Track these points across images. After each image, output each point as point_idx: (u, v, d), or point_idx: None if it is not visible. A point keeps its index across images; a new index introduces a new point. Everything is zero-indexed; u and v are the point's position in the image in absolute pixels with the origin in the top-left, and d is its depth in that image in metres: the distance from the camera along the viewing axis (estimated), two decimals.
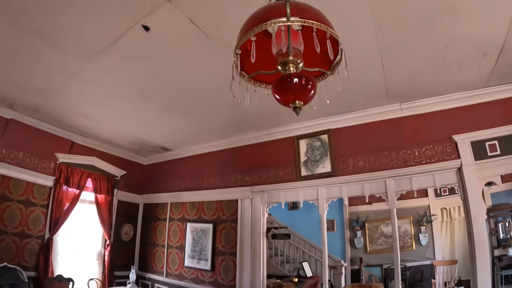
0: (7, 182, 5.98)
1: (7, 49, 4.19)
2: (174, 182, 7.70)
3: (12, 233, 5.97)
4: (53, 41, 3.91)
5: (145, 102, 5.27)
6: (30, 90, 5.35)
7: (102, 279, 7.03)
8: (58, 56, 4.19)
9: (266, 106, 3.78)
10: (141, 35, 3.55)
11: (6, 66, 4.67)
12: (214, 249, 6.39)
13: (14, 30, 3.77)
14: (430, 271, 8.29)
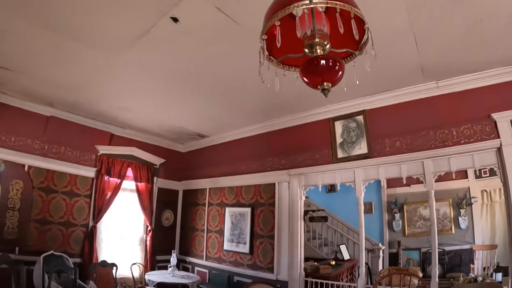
0: (51, 175, 6.45)
1: (43, 51, 4.43)
2: (212, 168, 7.89)
3: (58, 222, 6.44)
4: (86, 39, 4.06)
5: (179, 91, 5.40)
6: (67, 87, 5.62)
7: (144, 263, 7.37)
8: (92, 53, 4.37)
9: (298, 89, 3.90)
10: (171, 26, 3.62)
11: (43, 67, 4.96)
12: (252, 233, 6.58)
13: (48, 33, 3.97)
14: (469, 255, 8.08)
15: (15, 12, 3.65)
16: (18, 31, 4.07)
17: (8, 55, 4.76)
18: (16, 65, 5.04)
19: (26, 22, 3.82)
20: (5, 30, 4.06)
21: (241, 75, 4.68)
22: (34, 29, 3.94)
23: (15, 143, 6.16)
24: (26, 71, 5.20)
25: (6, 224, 6.04)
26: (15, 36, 4.19)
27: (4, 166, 6.12)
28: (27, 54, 4.65)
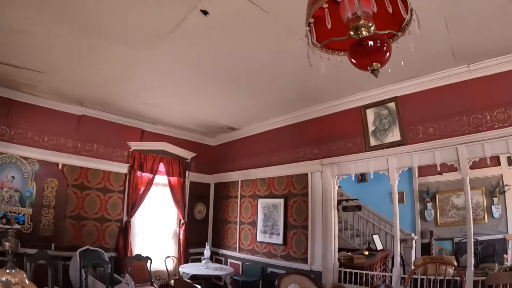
0: (85, 172, 6.69)
1: (71, 51, 4.53)
2: (243, 160, 7.94)
3: (92, 218, 6.66)
4: (116, 37, 4.12)
5: (209, 84, 5.42)
6: (98, 86, 5.74)
7: (177, 256, 7.57)
8: (122, 50, 4.43)
9: (330, 77, 3.95)
10: (201, 19, 3.62)
11: (73, 67, 5.07)
12: (285, 224, 6.59)
13: (76, 33, 4.05)
14: (503, 245, 7.84)
15: (42, 15, 3.74)
16: (45, 33, 4.15)
17: (37, 57, 4.88)
18: (46, 66, 5.17)
19: (54, 23, 3.90)
20: (33, 33, 4.16)
21: (271, 65, 4.67)
22: (62, 30, 4.03)
23: (48, 142, 6.38)
24: (56, 72, 5.32)
25: (42, 222, 6.24)
26: (43, 39, 4.30)
27: (38, 166, 6.32)
28: (56, 55, 4.75)
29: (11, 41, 4.46)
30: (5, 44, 4.58)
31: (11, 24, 4.03)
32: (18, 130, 6.22)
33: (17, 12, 3.75)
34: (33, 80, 5.72)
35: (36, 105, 6.35)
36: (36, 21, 3.89)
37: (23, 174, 6.28)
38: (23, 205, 6.21)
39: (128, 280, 5.71)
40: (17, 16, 3.83)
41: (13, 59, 5.04)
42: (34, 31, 4.14)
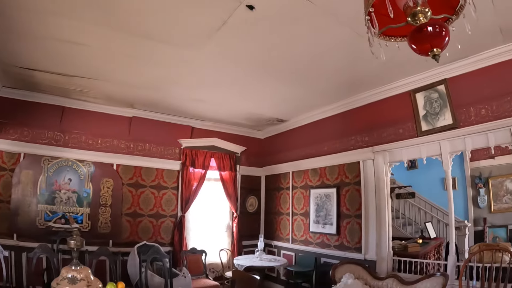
0: (139, 171, 7.00)
1: (120, 55, 4.72)
2: (293, 151, 7.93)
3: (148, 214, 6.96)
4: (163, 38, 4.26)
5: (257, 78, 5.50)
6: (147, 87, 5.95)
7: (231, 249, 7.79)
8: (169, 50, 4.57)
9: (378, 63, 3.75)
10: (247, 14, 3.66)
11: (122, 70, 5.28)
12: (339, 213, 6.59)
13: (124, 38, 4.23)
14: None
15: (90, 23, 3.94)
16: (94, 41, 4.36)
17: (87, 64, 5.13)
18: (96, 73, 5.43)
19: (102, 30, 4.08)
20: (82, 42, 4.38)
21: (318, 55, 4.66)
22: (111, 36, 4.21)
23: (102, 145, 6.76)
24: (106, 77, 5.58)
25: (100, 220, 6.60)
26: (92, 46, 4.52)
27: (93, 167, 6.65)
28: (106, 61, 4.97)
29: (61, 51, 4.70)
30: (55, 54, 4.84)
31: (60, 35, 4.25)
32: (72, 135, 6.61)
33: (65, 23, 3.95)
34: (84, 87, 6.02)
35: (88, 110, 6.74)
36: (84, 30, 4.09)
37: (79, 176, 6.61)
38: (80, 205, 6.56)
39: (186, 273, 5.92)
40: (66, 26, 4.03)
41: (63, 68, 5.32)
42: (83, 40, 4.34)
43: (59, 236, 6.16)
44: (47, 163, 6.52)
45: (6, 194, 6.25)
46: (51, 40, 4.43)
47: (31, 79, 5.88)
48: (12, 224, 6.22)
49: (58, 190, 6.55)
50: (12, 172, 6.31)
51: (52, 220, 6.44)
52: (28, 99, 6.43)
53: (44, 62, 5.20)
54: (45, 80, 5.86)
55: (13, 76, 5.81)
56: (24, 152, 6.39)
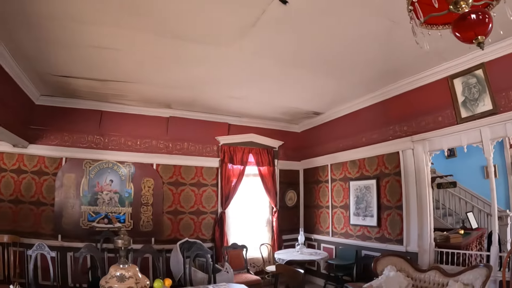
0: (178, 170, 7.24)
1: (153, 56, 4.87)
2: (331, 143, 7.92)
3: (189, 212, 7.18)
4: (197, 38, 4.36)
5: (293, 72, 5.52)
6: (182, 87, 6.11)
7: (271, 243, 7.92)
8: (205, 50, 4.66)
9: (414, 50, 3.62)
10: (280, 9, 3.70)
11: (158, 72, 5.47)
12: (379, 205, 6.59)
13: (159, 40, 4.37)
14: None
15: (124, 28, 4.12)
16: (130, 45, 4.54)
17: (123, 69, 5.33)
18: (132, 76, 5.63)
19: (136, 34, 4.25)
20: (117, 47, 4.56)
21: (352, 46, 4.65)
22: (146, 39, 4.37)
23: (141, 146, 7.04)
24: (141, 80, 5.78)
25: (142, 219, 6.85)
26: (128, 50, 4.71)
27: (134, 168, 6.91)
28: (142, 64, 5.14)
29: (96, 57, 4.91)
30: (90, 60, 5.06)
31: (94, 41, 4.44)
32: (111, 137, 6.93)
33: (99, 30, 4.14)
34: (120, 90, 6.27)
35: (125, 113, 7.05)
36: (118, 35, 4.26)
37: (120, 177, 6.88)
38: (122, 205, 6.85)
39: (228, 268, 6.18)
40: (100, 33, 4.22)
41: (99, 74, 5.57)
42: (117, 45, 4.52)
43: (102, 236, 6.51)
44: (88, 166, 6.84)
45: (50, 197, 6.65)
46: (85, 48, 4.63)
47: (68, 86, 6.18)
48: (56, 225, 6.59)
49: (100, 191, 6.85)
50: (54, 176, 6.70)
51: (95, 221, 6.78)
52: (66, 106, 6.80)
53: (79, 69, 5.44)
54: (81, 86, 6.15)
55: (50, 85, 6.13)
56: (66, 156, 6.78)
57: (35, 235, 6.49)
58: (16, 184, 6.61)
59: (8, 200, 6.56)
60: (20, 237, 6.08)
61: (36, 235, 6.47)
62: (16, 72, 5.33)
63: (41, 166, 6.74)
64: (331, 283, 7.00)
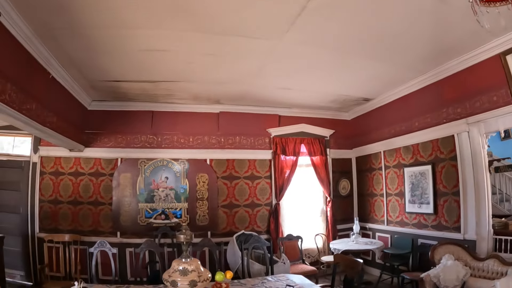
0: (232, 164, 7.60)
1: (201, 54, 5.16)
2: (383, 130, 7.89)
3: (244, 205, 7.53)
4: (244, 33, 4.52)
5: (340, 58, 5.56)
6: (230, 82, 6.36)
7: (326, 233, 8.09)
8: (252, 44, 4.82)
9: (463, 28, 4.02)
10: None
11: (205, 69, 5.74)
12: (435, 191, 6.52)
13: (202, 37, 4.58)
14: None
15: (171, 29, 4.39)
16: (178, 45, 4.83)
17: (173, 69, 5.67)
18: (180, 75, 5.96)
19: (184, 34, 4.51)
20: (166, 48, 4.86)
21: (400, 27, 4.63)
22: (193, 38, 4.62)
23: (194, 142, 7.48)
24: (190, 78, 6.10)
25: (198, 213, 7.26)
26: (176, 51, 5.01)
27: (188, 164, 7.31)
28: (188, 63, 5.43)
29: (145, 59, 5.24)
30: (139, 63, 5.41)
31: (142, 45, 4.78)
32: (164, 136, 7.41)
33: (146, 33, 4.47)
34: (170, 90, 6.65)
35: (176, 111, 7.54)
36: (165, 36, 4.56)
37: (175, 174, 7.32)
38: (178, 200, 7.29)
39: (285, 259, 6.36)
40: (147, 36, 4.54)
41: (148, 76, 5.95)
42: (164, 46, 4.81)
43: (160, 231, 6.98)
44: (143, 165, 7.34)
45: (107, 196, 7.23)
46: (134, 51, 4.98)
47: (119, 90, 6.69)
48: (115, 223, 7.19)
49: (156, 188, 7.34)
50: (111, 177, 7.30)
51: (152, 217, 7.30)
52: (118, 109, 7.44)
53: (130, 72, 5.87)
54: (132, 89, 6.62)
55: (101, 90, 6.68)
56: (121, 157, 7.38)
57: (94, 233, 7.15)
58: (74, 186, 7.28)
59: (67, 201, 7.24)
60: (80, 236, 6.65)
61: (96, 233, 7.14)
62: (68, 82, 5.91)
63: (97, 167, 7.37)
64: (386, 273, 6.95)
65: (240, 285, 4.04)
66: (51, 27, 4.28)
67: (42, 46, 4.70)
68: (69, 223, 7.29)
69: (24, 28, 4.16)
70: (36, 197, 7.33)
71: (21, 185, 7.47)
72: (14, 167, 7.54)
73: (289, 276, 4.51)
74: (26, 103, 4.72)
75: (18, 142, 7.66)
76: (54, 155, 7.42)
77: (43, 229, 7.19)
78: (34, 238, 7.19)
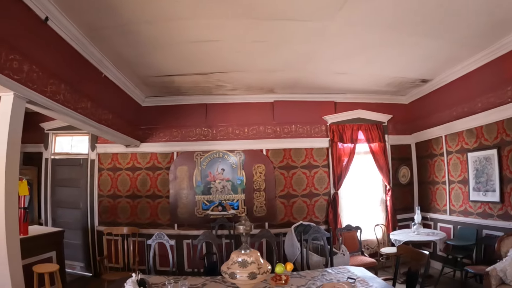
0: (288, 153, 7.79)
1: (251, 42, 5.26)
2: (442, 112, 7.57)
3: (301, 195, 7.72)
4: (290, 16, 4.52)
5: (393, 38, 5.43)
6: (283, 70, 6.44)
7: (385, 223, 8.02)
8: (299, 28, 4.82)
9: None
10: None
11: (256, 57, 5.89)
12: (501, 177, 6.28)
13: (251, 23, 4.66)
14: None
15: (220, 18, 4.50)
16: (228, 34, 4.96)
17: (222, 59, 5.87)
18: (232, 65, 6.17)
19: (233, 22, 4.61)
20: (214, 40, 5.05)
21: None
22: (240, 26, 4.72)
23: (249, 133, 7.72)
24: (242, 68, 6.31)
25: (255, 204, 7.47)
26: (227, 40, 5.16)
27: (244, 155, 7.54)
28: (239, 52, 5.59)
29: (196, 51, 5.46)
30: (191, 56, 5.65)
31: (192, 36, 4.96)
32: (219, 128, 7.72)
33: (195, 24, 4.62)
34: (223, 81, 6.86)
35: (229, 102, 7.81)
36: (215, 26, 4.68)
37: (231, 165, 7.59)
38: (235, 192, 7.56)
39: (344, 251, 6.36)
40: (196, 27, 4.69)
41: (201, 68, 6.19)
42: (214, 36, 4.97)
43: (217, 223, 7.32)
44: (199, 157, 7.66)
45: (165, 190, 7.64)
46: (184, 44, 5.18)
47: (171, 85, 7.02)
48: (172, 215, 7.62)
49: (213, 180, 7.64)
50: (167, 170, 7.71)
51: (209, 209, 7.64)
52: (171, 103, 7.88)
53: (180, 65, 6.12)
54: (184, 82, 6.91)
55: (154, 86, 7.05)
56: (176, 150, 7.80)
57: (152, 225, 7.65)
58: (132, 181, 7.78)
59: (125, 195, 7.75)
60: (138, 229, 7.03)
61: (154, 226, 7.62)
62: (121, 81, 6.30)
63: (154, 162, 7.82)
64: (448, 266, 6.68)
65: (299, 277, 4.02)
66: (100, 27, 4.59)
67: (93, 47, 5.04)
68: (127, 216, 7.84)
69: (74, 31, 4.50)
70: (95, 193, 7.95)
71: (80, 181, 8.12)
72: (73, 165, 8.23)
73: (349, 268, 4.49)
74: (81, 102, 5.17)
75: (75, 141, 8.36)
76: (111, 151, 8.00)
77: (102, 223, 7.81)
78: (94, 231, 7.84)
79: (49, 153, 8.39)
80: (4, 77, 3.52)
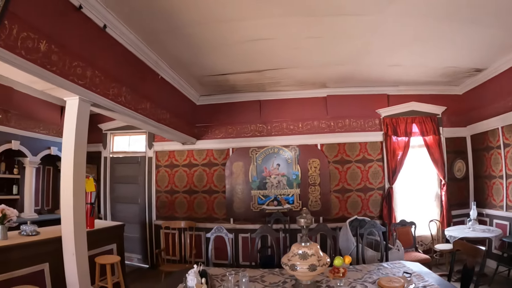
0: (343, 147, 7.99)
1: (303, 38, 5.47)
2: (499, 102, 7.27)
3: (356, 189, 7.87)
4: (340, 11, 4.65)
5: (446, 27, 5.40)
6: (336, 64, 6.61)
7: (440, 219, 7.98)
8: (350, 21, 4.97)
9: None
10: None
11: (309, 53, 6.11)
12: None
13: (303, 20, 4.90)
14: None
15: (272, 17, 4.76)
16: (281, 31, 5.17)
17: (275, 57, 6.12)
18: (284, 62, 6.40)
19: (283, 20, 4.83)
20: (267, 38, 5.29)
21: None
22: (291, 23, 4.93)
23: (303, 128, 8.01)
24: (295, 64, 6.54)
25: (310, 199, 7.74)
26: (280, 37, 5.37)
27: (299, 150, 7.82)
28: (292, 48, 5.82)
29: (250, 50, 5.72)
30: (245, 54, 5.93)
31: (246, 36, 5.24)
32: (273, 124, 8.04)
33: (248, 24, 4.90)
34: (276, 78, 7.13)
35: (283, 98, 8.10)
36: (268, 25, 4.92)
37: (286, 160, 7.86)
38: (290, 187, 7.82)
39: (399, 246, 6.39)
40: (250, 27, 4.96)
41: (254, 66, 6.48)
42: (267, 35, 5.21)
43: (272, 217, 7.58)
44: (254, 153, 8.00)
45: (221, 185, 8.03)
46: (238, 43, 5.47)
47: (226, 83, 7.38)
48: (228, 210, 8.01)
49: (268, 175, 7.94)
50: (223, 166, 8.12)
51: (265, 203, 7.95)
52: (225, 101, 8.33)
53: (234, 64, 6.44)
54: (239, 80, 7.24)
55: (208, 85, 7.45)
56: (232, 147, 8.19)
57: (209, 220, 8.08)
58: (188, 177, 8.24)
59: (182, 191, 8.19)
60: (195, 223, 7.42)
61: (210, 220, 8.05)
62: (177, 81, 6.75)
63: (210, 158, 8.25)
64: (503, 264, 6.59)
65: (356, 271, 4.10)
66: (155, 31, 4.98)
67: (149, 50, 5.49)
68: (184, 211, 8.32)
69: (131, 36, 4.94)
70: (153, 189, 8.45)
71: (138, 178, 8.65)
72: (131, 163, 8.76)
73: (405, 263, 4.50)
74: (141, 103, 5.57)
75: (132, 140, 8.90)
76: (168, 149, 8.51)
77: (159, 217, 8.33)
78: (152, 225, 8.37)
79: (107, 152, 8.99)
80: (69, 83, 3.88)
